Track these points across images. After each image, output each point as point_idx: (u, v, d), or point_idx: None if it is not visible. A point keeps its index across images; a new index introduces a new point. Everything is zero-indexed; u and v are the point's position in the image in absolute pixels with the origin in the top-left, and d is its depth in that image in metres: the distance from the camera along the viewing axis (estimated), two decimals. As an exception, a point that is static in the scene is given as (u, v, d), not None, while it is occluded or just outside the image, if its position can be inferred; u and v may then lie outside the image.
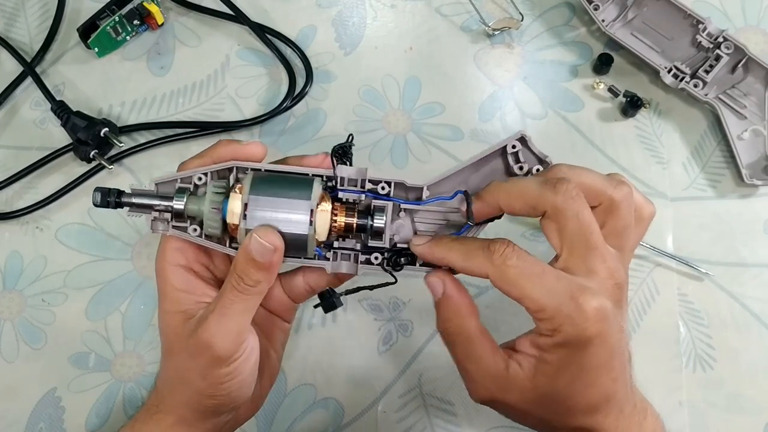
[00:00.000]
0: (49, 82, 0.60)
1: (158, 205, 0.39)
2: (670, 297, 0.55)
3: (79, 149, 0.57)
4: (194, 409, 0.40)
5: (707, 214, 0.58)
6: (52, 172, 0.58)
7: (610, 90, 0.60)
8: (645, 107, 0.60)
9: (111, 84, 0.61)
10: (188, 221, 0.39)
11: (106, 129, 0.56)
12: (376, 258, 0.40)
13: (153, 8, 0.61)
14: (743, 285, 0.56)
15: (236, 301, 0.38)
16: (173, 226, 0.39)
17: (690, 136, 0.60)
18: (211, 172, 0.39)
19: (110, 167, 0.57)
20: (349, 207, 0.39)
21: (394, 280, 0.40)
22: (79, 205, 0.57)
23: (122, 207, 0.39)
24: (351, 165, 0.40)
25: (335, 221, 0.39)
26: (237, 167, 0.40)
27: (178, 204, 0.38)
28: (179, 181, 0.39)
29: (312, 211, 0.38)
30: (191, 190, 0.39)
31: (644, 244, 0.56)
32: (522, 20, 0.62)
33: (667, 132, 0.60)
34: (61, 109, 0.58)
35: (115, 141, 0.57)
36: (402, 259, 0.40)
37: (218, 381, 0.39)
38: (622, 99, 0.59)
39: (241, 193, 0.38)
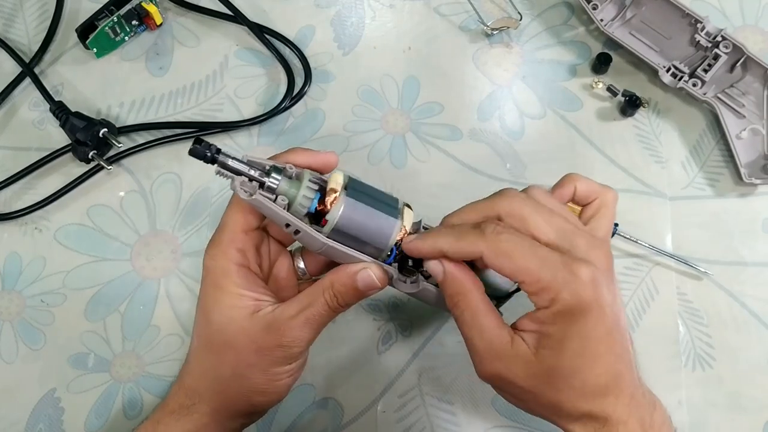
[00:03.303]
0: (47, 83, 0.60)
1: (253, 175, 0.38)
2: (669, 296, 0.56)
3: (77, 150, 0.56)
4: (236, 407, 0.41)
5: (706, 213, 0.58)
6: (51, 172, 0.58)
7: (608, 89, 0.60)
8: (644, 106, 0.60)
9: (110, 84, 0.61)
10: (275, 197, 0.39)
11: (105, 129, 0.56)
12: (394, 268, 0.42)
13: (151, 8, 0.61)
14: (742, 284, 0.56)
15: (325, 316, 0.40)
16: (261, 193, 0.38)
17: (689, 136, 0.60)
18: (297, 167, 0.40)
19: (109, 168, 0.57)
20: None
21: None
22: (78, 205, 0.57)
23: (215, 163, 0.38)
24: None
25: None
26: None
27: (273, 182, 0.38)
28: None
29: (401, 210, 0.40)
30: (285, 173, 0.39)
31: (643, 244, 0.56)
32: (520, 20, 0.62)
33: (666, 131, 0.60)
34: (59, 109, 0.58)
35: (113, 141, 0.57)
36: (410, 261, 0.42)
37: (276, 377, 0.41)
38: (620, 98, 0.59)
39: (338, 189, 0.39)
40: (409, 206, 0.41)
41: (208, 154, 0.38)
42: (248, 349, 0.40)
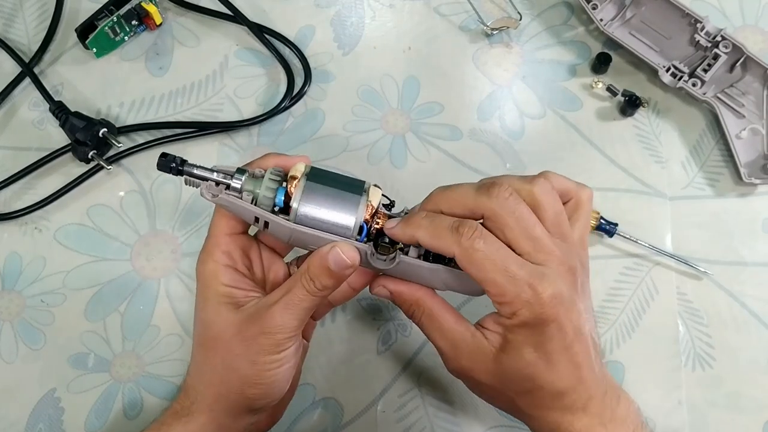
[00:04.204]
0: (47, 83, 0.60)
1: (218, 179, 0.41)
2: (669, 296, 0.56)
3: (77, 150, 0.56)
4: (232, 402, 0.42)
5: (706, 213, 0.58)
6: (51, 172, 0.58)
7: (608, 89, 0.60)
8: (643, 106, 0.60)
9: (109, 84, 0.61)
10: (241, 196, 0.41)
11: (105, 129, 0.56)
12: (369, 246, 0.42)
13: (151, 8, 0.61)
14: (742, 284, 0.56)
15: (304, 300, 0.40)
16: (227, 193, 0.41)
17: (688, 135, 0.60)
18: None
19: (109, 168, 0.57)
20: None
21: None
22: (78, 205, 0.57)
23: (182, 175, 0.41)
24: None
25: (378, 222, 0.41)
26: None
27: (236, 183, 0.41)
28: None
29: (366, 190, 0.41)
30: (249, 173, 0.41)
31: (644, 244, 0.56)
32: (520, 20, 0.62)
33: (666, 131, 0.60)
34: (59, 109, 0.58)
35: (113, 141, 0.57)
36: (386, 239, 0.42)
37: (266, 368, 0.41)
38: (620, 98, 0.59)
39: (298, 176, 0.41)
40: (377, 186, 0.42)
41: (174, 166, 0.41)
42: (235, 339, 0.41)
